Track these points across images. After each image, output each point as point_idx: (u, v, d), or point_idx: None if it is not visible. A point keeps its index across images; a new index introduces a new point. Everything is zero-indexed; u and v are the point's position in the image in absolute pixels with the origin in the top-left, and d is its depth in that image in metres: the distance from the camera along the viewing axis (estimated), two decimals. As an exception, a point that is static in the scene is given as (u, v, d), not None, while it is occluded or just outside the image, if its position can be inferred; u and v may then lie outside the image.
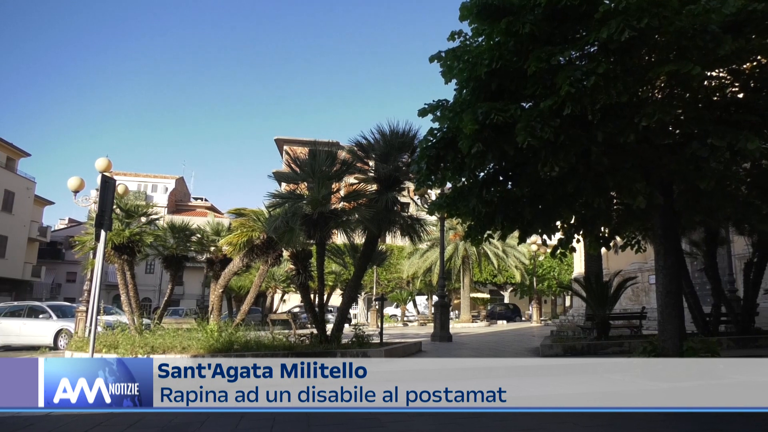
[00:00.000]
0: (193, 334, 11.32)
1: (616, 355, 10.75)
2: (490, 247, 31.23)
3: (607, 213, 8.83)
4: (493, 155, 7.06)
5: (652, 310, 15.50)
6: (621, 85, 6.14)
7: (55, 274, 50.27)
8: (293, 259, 13.12)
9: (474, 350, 13.41)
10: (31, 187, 43.02)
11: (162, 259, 18.39)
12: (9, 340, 17.48)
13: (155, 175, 58.80)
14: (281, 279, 30.37)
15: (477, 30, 7.38)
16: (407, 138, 11.60)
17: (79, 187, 13.43)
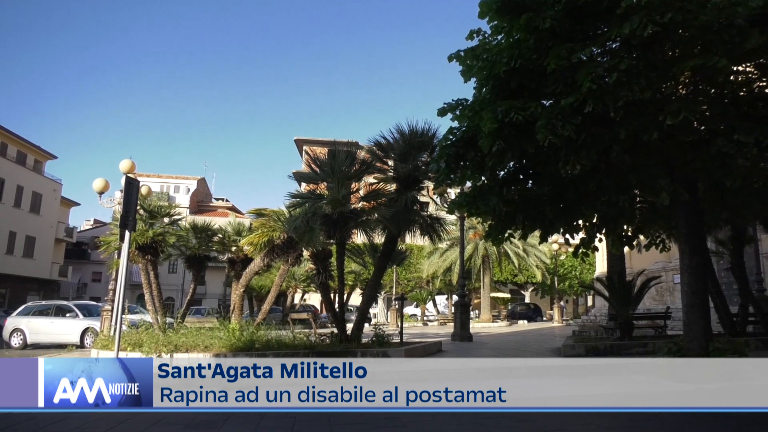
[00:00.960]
0: (215, 333, 11.46)
1: (639, 355, 10.58)
2: (510, 247, 31.00)
3: (630, 211, 8.70)
4: (513, 154, 7.01)
5: (676, 310, 15.21)
6: (644, 81, 6.04)
7: (81, 273, 51.31)
8: (313, 259, 13.19)
9: (495, 350, 13.33)
10: (58, 189, 44.00)
11: (184, 259, 18.66)
12: (38, 338, 17.92)
13: (177, 176, 59.61)
14: (301, 279, 30.54)
15: (496, 27, 7.34)
16: (426, 137, 11.57)
17: (104, 188, 13.67)
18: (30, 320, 18.41)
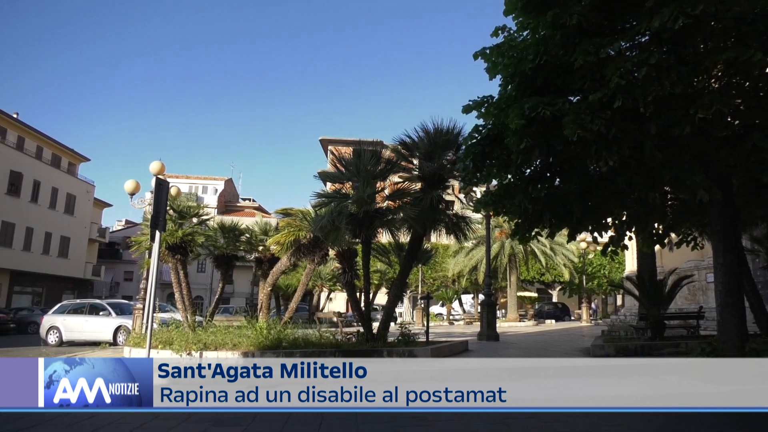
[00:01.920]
0: (243, 332, 11.60)
1: (671, 356, 10.34)
2: (537, 245, 30.61)
3: (662, 209, 8.52)
4: (540, 151, 6.93)
5: (710, 309, 14.82)
6: (675, 75, 5.89)
7: (114, 273, 52.59)
8: (339, 258, 13.26)
9: (522, 350, 13.20)
10: (91, 190, 45.17)
11: (213, 258, 18.95)
12: (72, 335, 18.42)
13: (205, 177, 60.64)
14: (327, 278, 30.74)
15: (522, 24, 7.26)
16: (451, 135, 11.52)
17: (135, 189, 13.95)
18: (65, 318, 18.94)
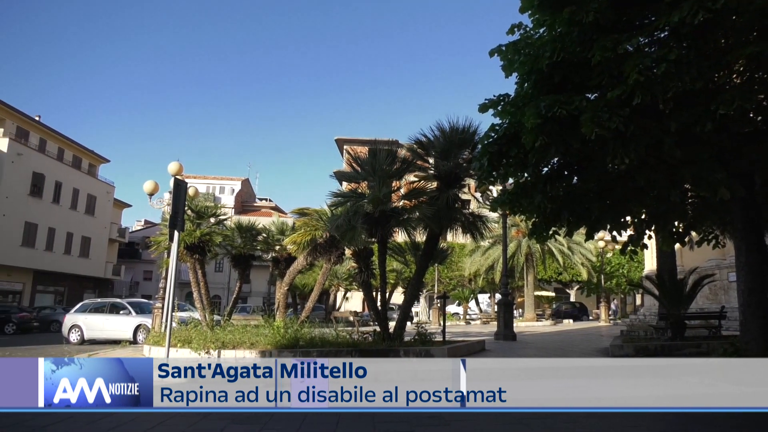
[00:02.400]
0: (260, 331, 11.69)
1: (692, 356, 10.16)
2: (554, 244, 30.33)
3: (682, 207, 8.38)
4: (557, 149, 6.86)
5: (732, 309, 14.55)
6: (695, 71, 5.79)
7: (133, 272, 53.32)
8: (355, 258, 13.29)
9: (539, 350, 13.10)
10: (111, 191, 45.88)
11: (230, 258, 19.12)
12: (93, 334, 18.72)
13: (222, 177, 61.19)
14: (344, 277, 30.84)
15: (538, 21, 7.19)
16: (467, 134, 11.47)
17: (153, 190, 14.12)
18: (87, 317, 19.26)
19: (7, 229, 32.90)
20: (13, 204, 33.39)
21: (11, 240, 33.33)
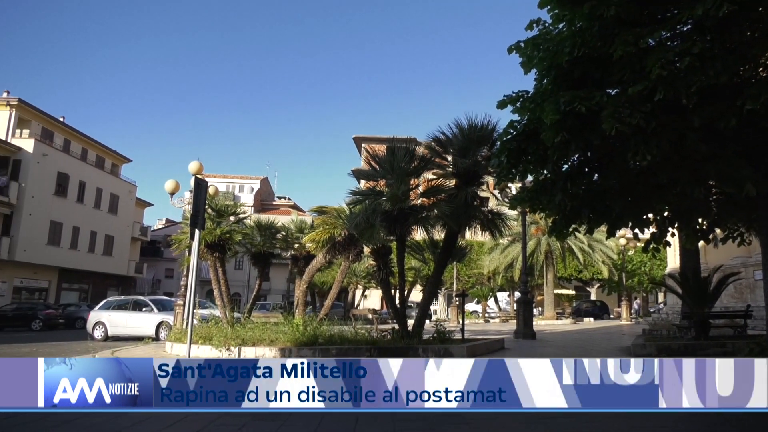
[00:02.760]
0: (280, 328, 11.78)
1: (717, 356, 9.95)
2: (574, 242, 30.02)
3: (706, 204, 8.22)
4: (578, 146, 6.77)
5: (758, 308, 14.25)
6: (720, 64, 5.65)
7: (155, 270, 54.14)
8: (374, 255, 13.32)
9: (560, 348, 12.98)
10: (133, 190, 46.65)
11: (250, 256, 19.32)
12: (117, 331, 19.06)
13: (242, 176, 61.79)
14: (362, 275, 30.91)
15: (557, 16, 7.10)
16: (486, 131, 11.39)
17: (175, 189, 14.31)
18: (110, 314, 19.62)
19: (33, 228, 33.65)
20: (39, 203, 34.13)
21: (37, 238, 34.08)
